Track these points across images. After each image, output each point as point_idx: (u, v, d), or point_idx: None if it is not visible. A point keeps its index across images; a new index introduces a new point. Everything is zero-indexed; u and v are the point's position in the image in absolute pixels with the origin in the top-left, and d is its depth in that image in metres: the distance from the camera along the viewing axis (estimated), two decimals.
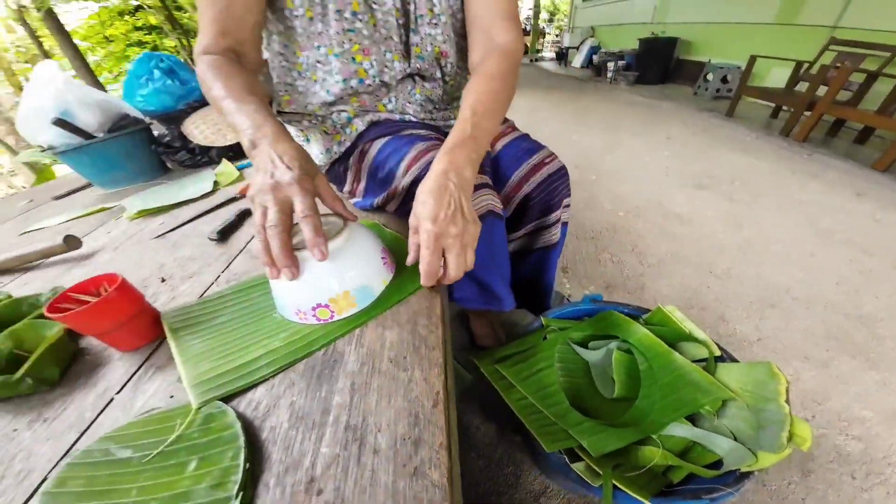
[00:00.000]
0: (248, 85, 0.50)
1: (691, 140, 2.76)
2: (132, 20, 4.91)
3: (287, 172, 0.40)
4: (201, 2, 0.53)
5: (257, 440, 0.33)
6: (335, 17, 0.58)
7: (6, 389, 0.39)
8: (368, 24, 0.60)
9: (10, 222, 0.93)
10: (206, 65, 0.51)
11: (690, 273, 1.37)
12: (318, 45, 0.61)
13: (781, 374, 0.54)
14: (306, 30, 0.59)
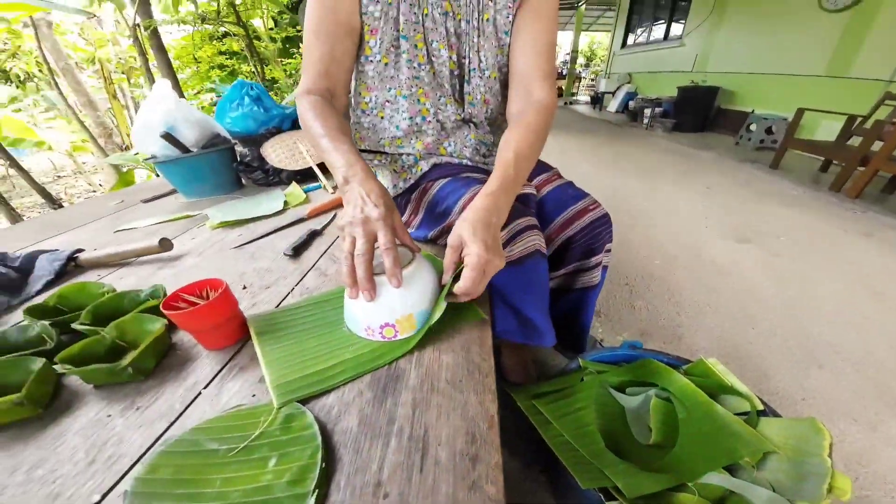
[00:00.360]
0: (342, 126, 0.59)
1: (732, 191, 2.72)
2: (218, 45, 5.62)
3: (375, 209, 0.47)
4: (309, 43, 0.64)
5: (330, 442, 0.37)
6: (406, 65, 0.68)
7: (110, 376, 0.45)
8: (429, 73, 0.70)
9: (104, 219, 1.07)
10: (308, 104, 0.60)
11: (731, 327, 1.33)
12: (389, 88, 0.70)
13: (826, 429, 0.53)
14: (380, 74, 0.69)
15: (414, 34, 0.67)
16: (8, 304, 0.65)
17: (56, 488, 0.35)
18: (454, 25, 0.68)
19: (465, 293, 0.48)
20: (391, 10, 0.65)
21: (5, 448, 0.39)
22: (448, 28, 0.68)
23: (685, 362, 0.74)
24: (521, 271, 0.60)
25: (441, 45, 0.68)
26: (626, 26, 7.46)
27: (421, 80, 0.70)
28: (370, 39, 0.67)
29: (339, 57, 0.64)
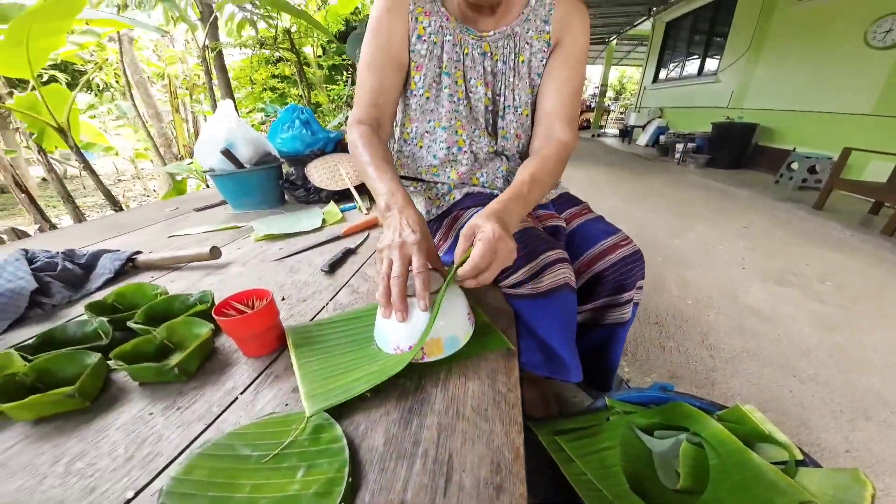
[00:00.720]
0: (386, 155, 0.64)
1: (772, 231, 2.60)
2: (272, 69, 6.17)
3: (412, 234, 0.49)
4: (362, 76, 0.70)
5: (357, 457, 0.38)
6: (447, 99, 0.74)
7: (157, 375, 0.48)
8: (466, 107, 0.75)
9: (160, 224, 1.16)
10: (358, 134, 0.66)
11: (769, 374, 1.26)
12: (429, 120, 0.76)
13: (869, 481, 0.48)
14: (421, 106, 0.75)
15: (455, 71, 0.72)
16: (70, 298, 0.72)
17: (93, 482, 0.36)
18: (491, 65, 0.73)
19: (475, 270, 0.48)
20: (436, 49, 0.71)
21: (50, 438, 0.41)
22: (486, 67, 0.73)
23: (719, 408, 0.70)
24: (550, 304, 0.60)
25: (479, 82, 0.74)
26: (658, 61, 7.51)
27: (459, 113, 0.75)
28: (415, 75, 0.73)
29: (388, 89, 0.70)
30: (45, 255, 0.78)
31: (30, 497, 0.35)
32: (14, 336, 0.62)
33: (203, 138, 1.11)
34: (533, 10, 0.71)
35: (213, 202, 1.35)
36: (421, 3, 0.69)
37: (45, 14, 1.51)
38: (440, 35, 0.70)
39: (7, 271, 0.70)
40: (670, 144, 5.63)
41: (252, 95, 6.23)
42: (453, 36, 0.71)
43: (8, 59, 1.65)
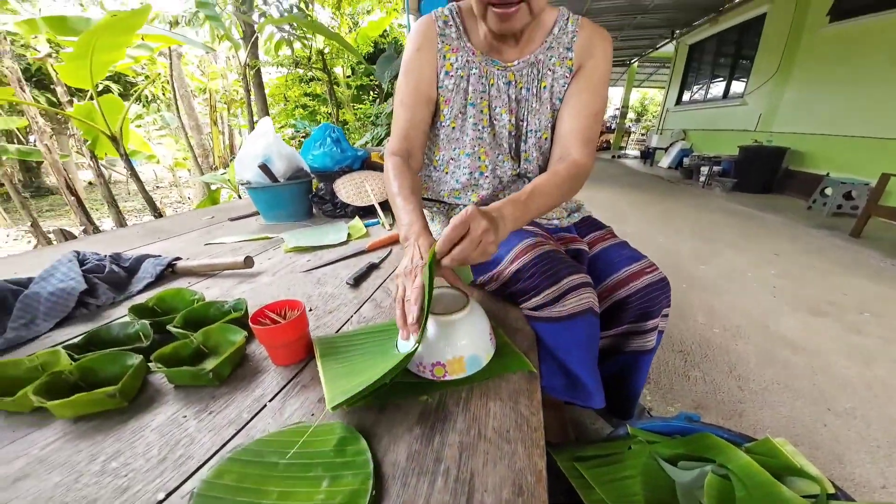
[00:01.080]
0: (414, 185, 0.67)
1: (805, 259, 2.49)
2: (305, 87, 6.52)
3: (421, 260, 0.52)
4: (396, 112, 0.77)
5: (380, 471, 0.38)
6: (471, 128, 0.77)
7: (193, 379, 0.50)
8: (490, 134, 0.78)
9: (197, 232, 1.23)
10: (391, 164, 0.70)
11: (802, 406, 1.20)
12: (454, 148, 0.81)
13: None
14: (448, 136, 0.80)
15: (480, 101, 0.76)
16: (114, 300, 0.76)
17: (126, 482, 0.37)
18: (515, 92, 0.76)
19: (448, 242, 0.48)
20: (462, 83, 0.76)
21: (89, 437, 0.43)
22: (510, 95, 0.76)
23: (748, 440, 0.67)
24: (572, 328, 0.60)
25: (503, 109, 0.77)
26: (681, 83, 7.47)
27: (483, 140, 0.79)
28: (444, 108, 0.78)
29: (417, 123, 0.76)
30: (94, 257, 0.84)
31: (65, 494, 0.36)
32: (60, 334, 0.66)
33: (243, 152, 1.18)
34: (556, 37, 0.74)
35: (246, 213, 1.42)
36: (448, 41, 0.74)
37: (110, 29, 1.66)
38: (466, 69, 0.75)
39: (60, 271, 0.75)
40: (695, 167, 5.53)
41: (285, 112, 6.59)
42: (479, 68, 0.75)
43: (73, 70, 1.82)
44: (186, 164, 5.38)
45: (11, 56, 2.11)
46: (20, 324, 0.66)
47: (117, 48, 1.80)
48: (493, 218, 0.52)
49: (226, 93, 5.87)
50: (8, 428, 0.45)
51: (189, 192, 6.07)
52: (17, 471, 0.39)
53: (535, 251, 0.66)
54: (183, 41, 2.31)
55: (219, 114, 5.62)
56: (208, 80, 5.65)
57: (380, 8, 6.31)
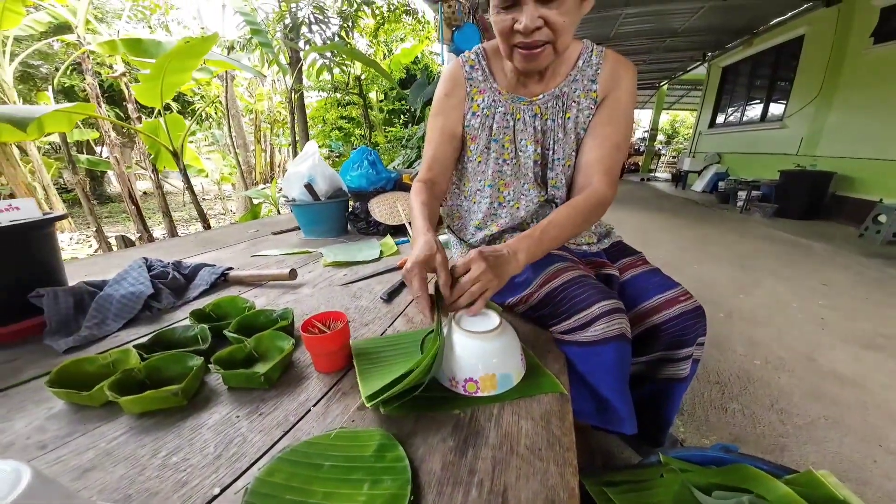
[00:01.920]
0: (431, 213, 0.74)
1: (857, 290, 2.32)
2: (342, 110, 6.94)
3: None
4: (426, 146, 0.84)
5: (416, 478, 0.40)
6: (493, 162, 0.82)
7: (246, 381, 0.54)
8: (514, 167, 0.83)
9: (243, 244, 1.32)
10: (416, 189, 0.78)
11: (851, 443, 1.13)
12: (480, 180, 0.85)
13: None
14: (474, 169, 0.85)
15: (503, 137, 0.81)
16: (174, 304, 0.84)
17: (185, 476, 0.40)
18: (541, 124, 0.80)
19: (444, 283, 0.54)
20: (487, 121, 0.81)
21: (151, 432, 0.47)
22: (536, 127, 0.80)
23: (789, 472, 0.63)
24: (603, 353, 0.61)
25: (528, 141, 0.81)
26: (714, 106, 7.29)
27: (504, 173, 0.84)
28: (471, 144, 0.84)
29: (441, 159, 0.84)
30: (159, 263, 0.93)
31: (129, 486, 0.39)
32: (126, 334, 0.73)
33: (290, 171, 1.29)
34: (580, 70, 0.77)
35: (288, 227, 1.52)
36: (475, 84, 0.80)
37: (182, 54, 1.85)
38: (492, 108, 0.80)
39: (131, 276, 0.84)
40: (731, 191, 5.33)
41: (322, 133, 7.00)
42: (504, 106, 0.80)
43: (148, 90, 2.04)
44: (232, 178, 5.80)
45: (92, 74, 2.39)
46: (93, 323, 0.73)
47: (185, 71, 2.00)
48: (498, 257, 0.57)
49: (270, 114, 6.33)
50: (80, 421, 0.49)
51: (232, 206, 6.48)
52: (87, 462, 0.42)
53: (565, 275, 0.68)
54: (238, 66, 2.54)
55: (262, 133, 6.06)
56: (255, 101, 6.14)
57: (412, 36, 6.68)
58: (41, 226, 0.75)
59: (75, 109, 1.76)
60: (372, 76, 5.07)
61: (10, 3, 2.27)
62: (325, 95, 6.27)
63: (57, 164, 5.23)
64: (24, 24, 2.54)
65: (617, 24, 5.45)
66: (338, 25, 3.71)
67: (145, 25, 6.74)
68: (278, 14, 3.42)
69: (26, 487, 0.27)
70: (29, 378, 0.59)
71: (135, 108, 2.71)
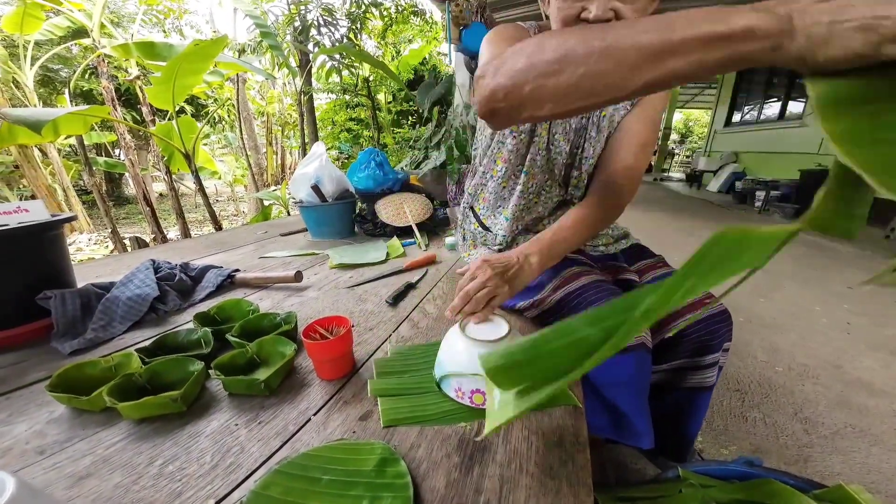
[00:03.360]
0: None
1: (885, 294, 2.21)
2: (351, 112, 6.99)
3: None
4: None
5: (419, 496, 0.38)
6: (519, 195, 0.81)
7: (247, 388, 0.53)
8: (544, 159, 0.78)
9: (252, 245, 1.32)
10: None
11: (879, 453, 1.08)
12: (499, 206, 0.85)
13: None
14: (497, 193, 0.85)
15: (541, 126, 0.76)
16: (179, 306, 0.83)
17: (180, 487, 0.39)
18: (576, 121, 0.76)
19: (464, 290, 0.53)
20: (521, 148, 0.78)
21: (150, 439, 0.46)
22: (571, 123, 0.76)
23: (817, 487, 0.59)
24: (621, 364, 0.57)
25: (562, 138, 0.77)
26: (730, 104, 7.12)
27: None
28: (500, 164, 0.81)
29: None
30: (167, 265, 0.93)
31: (124, 496, 0.38)
32: (131, 336, 0.72)
33: (297, 173, 1.29)
34: None
35: (295, 229, 1.52)
36: None
37: (193, 56, 1.87)
38: (529, 134, 0.77)
39: (138, 278, 0.84)
40: (749, 191, 5.18)
41: (331, 135, 7.06)
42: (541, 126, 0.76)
43: (160, 92, 2.07)
44: (244, 180, 5.91)
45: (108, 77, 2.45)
46: (99, 325, 0.73)
47: (197, 73, 2.03)
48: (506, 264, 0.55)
49: (281, 116, 6.42)
50: (79, 426, 0.48)
51: (244, 207, 6.60)
52: (83, 469, 0.42)
53: (581, 280, 0.65)
54: (249, 68, 2.57)
55: (274, 135, 6.15)
56: (266, 104, 6.23)
57: (420, 37, 6.68)
58: (49, 227, 0.75)
59: (89, 112, 1.78)
60: (380, 78, 5.09)
61: (31, 9, 2.33)
62: (335, 97, 6.34)
63: (77, 167, 5.39)
64: (44, 29, 2.61)
65: None
66: (346, 27, 3.74)
67: (160, 30, 6.90)
68: (288, 17, 3.46)
69: (8, 499, 0.26)
70: (32, 381, 0.59)
71: (149, 111, 2.76)
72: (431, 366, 0.57)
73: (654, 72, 0.32)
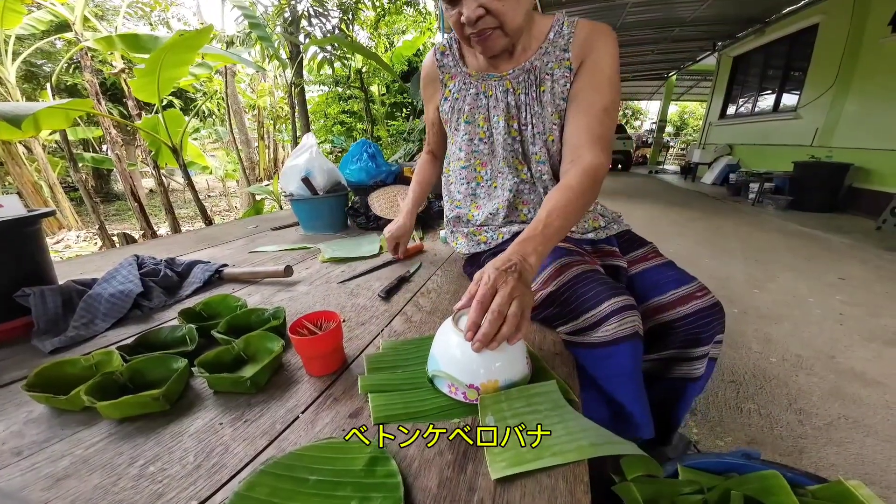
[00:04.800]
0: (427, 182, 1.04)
1: (877, 285, 2.24)
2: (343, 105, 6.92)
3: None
4: (427, 127, 0.99)
5: (410, 495, 0.37)
6: (465, 143, 0.82)
7: (232, 386, 0.51)
8: (489, 144, 0.81)
9: (242, 240, 1.29)
10: (422, 162, 1.02)
11: (873, 444, 1.09)
12: (457, 160, 0.86)
13: None
14: (452, 152, 0.88)
15: (477, 117, 0.80)
16: (165, 303, 0.81)
17: (161, 488, 0.38)
18: (514, 99, 0.76)
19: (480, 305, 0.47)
20: (458, 104, 0.83)
21: (131, 438, 0.44)
22: (509, 101, 0.76)
23: (817, 480, 0.59)
24: (616, 354, 0.56)
25: (500, 117, 0.77)
26: (725, 96, 7.14)
27: (479, 152, 0.82)
28: (446, 127, 0.89)
29: (434, 138, 0.99)
30: (151, 261, 0.90)
31: (103, 497, 0.37)
32: (113, 334, 0.70)
33: (287, 165, 1.25)
34: (551, 42, 0.73)
35: (287, 223, 1.49)
36: (447, 70, 0.84)
37: (177, 48, 1.82)
38: (462, 91, 0.81)
39: (121, 274, 0.81)
40: (743, 183, 5.21)
41: (324, 128, 6.99)
42: (476, 87, 0.79)
43: (144, 85, 2.01)
44: (236, 175, 5.83)
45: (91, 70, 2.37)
46: (81, 323, 0.71)
47: (182, 65, 1.97)
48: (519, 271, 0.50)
49: (272, 109, 6.33)
50: (59, 426, 0.47)
51: (236, 202, 6.52)
52: (61, 470, 0.40)
53: (571, 271, 0.63)
54: (237, 60, 2.50)
55: (266, 129, 6.06)
56: (257, 97, 6.13)
57: (414, 28, 6.59)
58: (26, 223, 0.72)
59: (71, 105, 1.73)
60: (373, 69, 5.01)
61: (11, 3, 2.25)
62: (327, 90, 6.26)
63: (63, 163, 5.28)
64: (26, 23, 2.53)
65: (623, 13, 5.32)
66: (338, 18, 3.67)
67: (146, 22, 6.75)
68: (277, 8, 3.38)
69: None
70: (10, 381, 0.57)
71: (135, 105, 2.69)
72: (424, 360, 0.55)
73: None
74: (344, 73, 4.65)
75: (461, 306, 0.50)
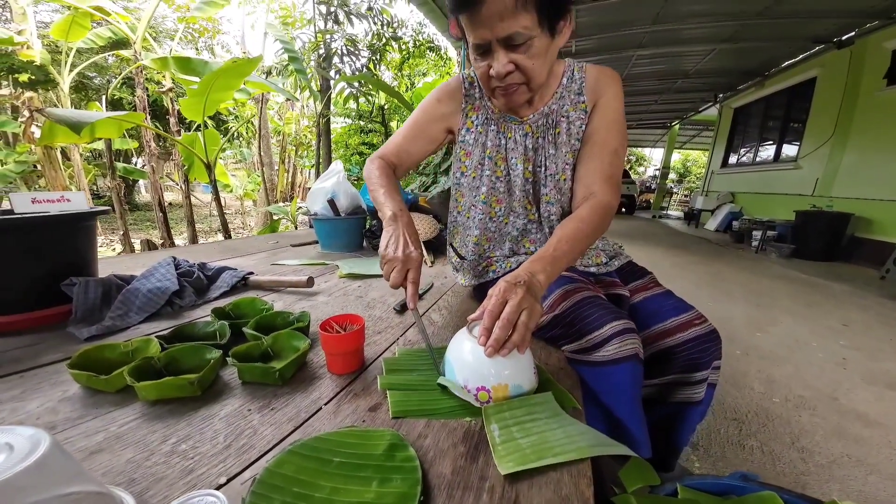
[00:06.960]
0: (397, 186, 0.80)
1: (880, 331, 2.23)
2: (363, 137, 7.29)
3: (414, 251, 0.64)
4: (400, 130, 0.86)
5: (426, 480, 0.40)
6: (487, 178, 0.84)
7: (262, 376, 0.55)
8: (504, 183, 0.84)
9: (264, 253, 1.37)
10: (376, 165, 0.82)
11: (876, 482, 1.08)
12: (475, 195, 0.87)
13: None
14: (469, 185, 0.87)
15: (496, 154, 0.83)
16: (194, 302, 0.86)
17: (192, 464, 0.40)
18: (532, 142, 0.81)
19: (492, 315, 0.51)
20: (481, 138, 0.83)
21: (164, 419, 0.48)
22: (527, 145, 0.82)
23: (814, 503, 0.59)
24: (616, 374, 0.60)
25: (518, 160, 0.82)
26: (726, 146, 7.35)
27: (497, 189, 0.85)
28: (466, 160, 0.86)
29: (412, 151, 0.86)
30: (186, 263, 0.96)
31: (135, 470, 0.39)
32: (147, 327, 0.75)
33: (315, 188, 1.36)
34: (566, 87, 0.79)
35: (307, 241, 1.58)
36: (471, 101, 0.83)
37: (228, 73, 1.99)
38: (486, 126, 0.83)
39: (159, 272, 0.87)
40: (746, 231, 5.28)
41: (344, 157, 7.32)
42: (497, 125, 0.82)
43: (192, 104, 2.18)
44: (254, 195, 6.06)
45: (142, 87, 2.57)
46: (117, 314, 0.76)
47: (228, 89, 2.15)
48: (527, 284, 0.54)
49: (296, 136, 6.67)
50: (93, 405, 0.50)
51: (251, 221, 6.70)
52: (94, 444, 0.43)
53: (575, 296, 0.68)
54: (274, 89, 2.72)
55: (288, 154, 6.36)
56: (284, 124, 6.50)
57: (434, 71, 7.05)
58: (86, 217, 0.79)
59: (126, 118, 1.89)
60: (395, 106, 5.33)
61: (79, 18, 2.49)
62: (349, 122, 6.60)
63: (94, 171, 5.51)
64: (87, 38, 2.76)
65: (629, 65, 5.66)
66: (367, 58, 3.96)
67: (193, 47, 7.28)
68: (314, 44, 3.67)
69: (43, 454, 0.27)
70: (47, 362, 0.61)
71: (176, 122, 2.88)
72: (431, 368, 0.60)
73: None
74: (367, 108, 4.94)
75: (475, 317, 0.55)
